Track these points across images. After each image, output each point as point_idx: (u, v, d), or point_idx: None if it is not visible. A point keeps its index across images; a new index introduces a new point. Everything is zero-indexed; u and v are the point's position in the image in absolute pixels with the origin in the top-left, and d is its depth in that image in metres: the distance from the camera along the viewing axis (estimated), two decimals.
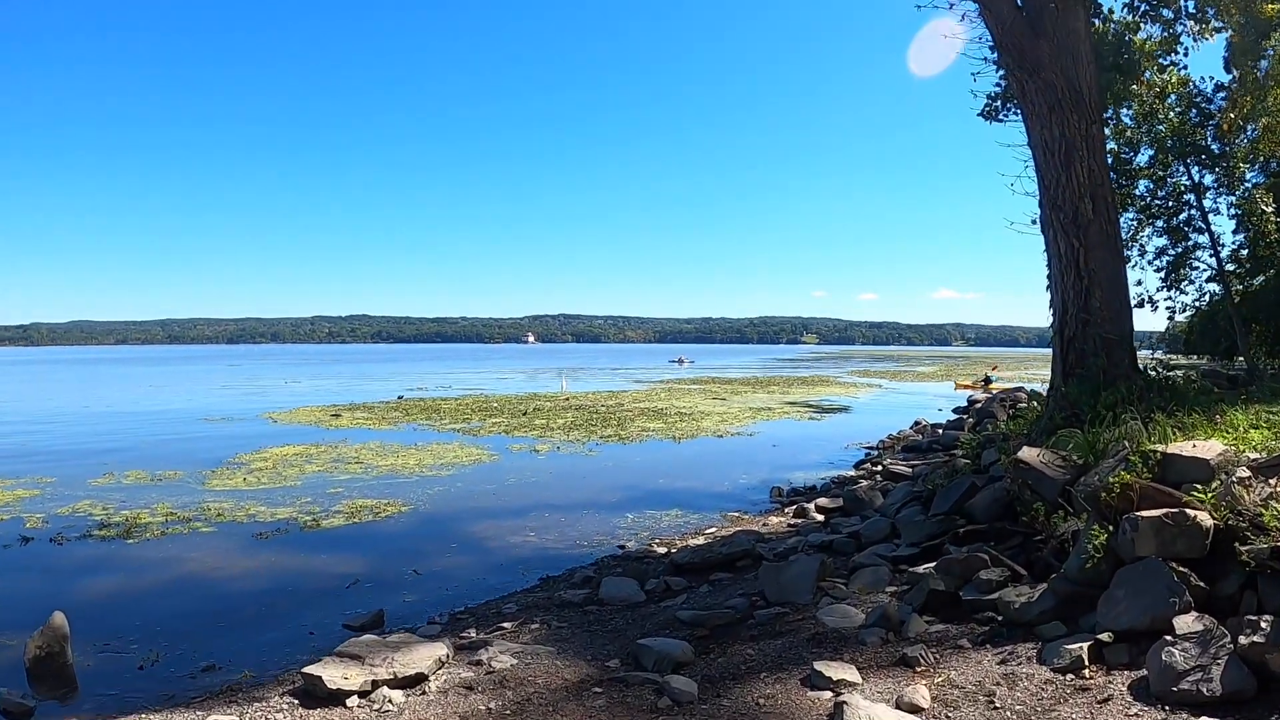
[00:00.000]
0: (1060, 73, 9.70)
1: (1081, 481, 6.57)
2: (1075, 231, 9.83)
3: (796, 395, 44.05)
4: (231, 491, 16.06)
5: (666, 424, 27.73)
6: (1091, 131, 9.83)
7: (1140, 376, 9.56)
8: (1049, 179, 10.05)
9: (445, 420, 29.24)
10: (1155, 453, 6.10)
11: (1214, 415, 7.79)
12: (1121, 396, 8.75)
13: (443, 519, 13.52)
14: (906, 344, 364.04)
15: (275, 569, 10.60)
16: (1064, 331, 9.97)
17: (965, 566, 6.37)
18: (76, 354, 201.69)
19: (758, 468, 18.35)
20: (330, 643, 6.99)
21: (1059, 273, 10.11)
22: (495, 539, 12.20)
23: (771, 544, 10.27)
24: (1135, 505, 5.47)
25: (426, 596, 9.49)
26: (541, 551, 11.48)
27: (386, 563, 10.87)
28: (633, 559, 10.58)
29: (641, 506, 14.13)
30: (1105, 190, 9.99)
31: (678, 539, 11.75)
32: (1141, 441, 6.67)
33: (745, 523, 12.67)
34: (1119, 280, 10.00)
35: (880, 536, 9.08)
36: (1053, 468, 7.02)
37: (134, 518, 13.53)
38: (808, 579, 7.43)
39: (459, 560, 11.12)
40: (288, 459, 20.12)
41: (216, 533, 12.61)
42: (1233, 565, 4.94)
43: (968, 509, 8.16)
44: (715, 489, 15.90)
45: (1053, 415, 9.34)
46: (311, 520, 13.32)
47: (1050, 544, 6.32)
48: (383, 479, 17.21)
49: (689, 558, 9.49)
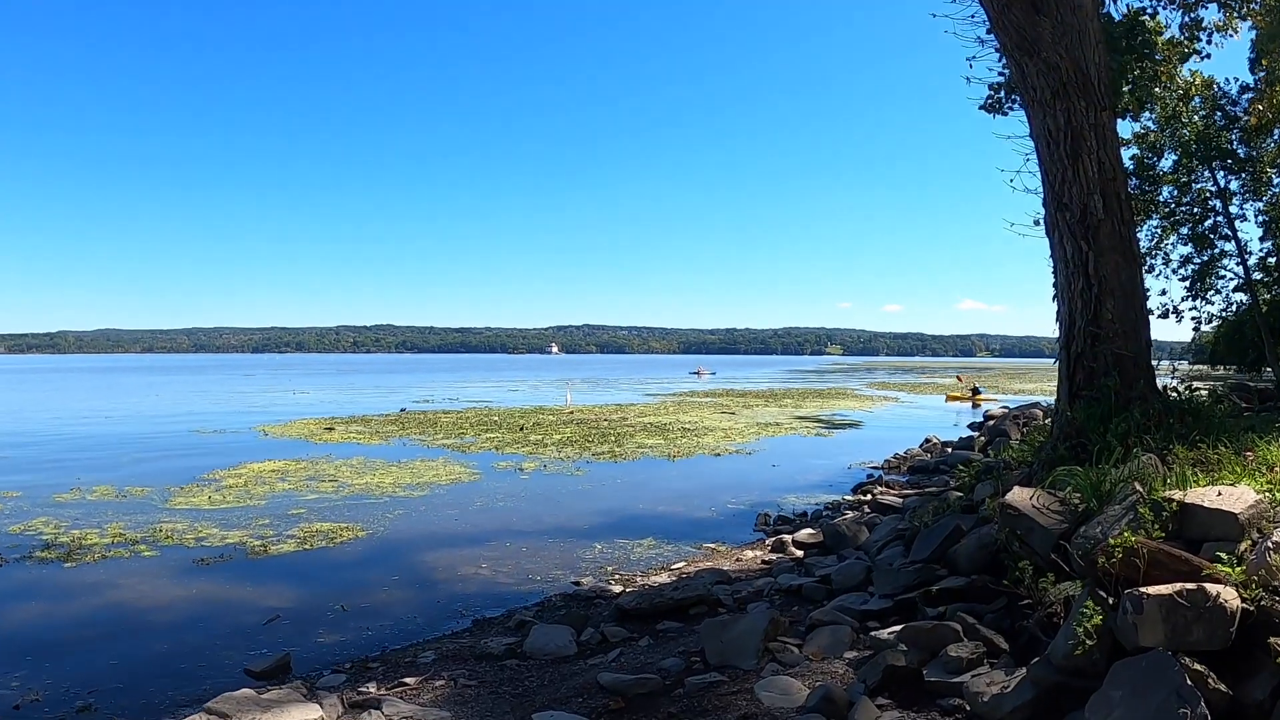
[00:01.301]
0: (1064, 53, 8.48)
1: (1080, 533, 5.37)
2: (1083, 233, 8.58)
3: (809, 409, 42.63)
4: (191, 511, 15.39)
5: (666, 440, 26.56)
6: (1101, 119, 8.59)
7: (1158, 398, 8.24)
8: (1053, 174, 8.81)
9: (439, 435, 28.28)
10: (1170, 502, 4.89)
11: (1244, 447, 6.55)
12: (1135, 423, 7.50)
13: (397, 547, 12.53)
14: (931, 355, 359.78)
15: (202, 600, 9.96)
16: (1071, 347, 8.69)
17: (932, 638, 5.19)
18: (98, 362, 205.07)
19: (750, 490, 17.13)
20: (224, 687, 6.57)
21: (1065, 280, 8.86)
22: (444, 570, 11.18)
23: (737, 586, 9.09)
24: (1142, 574, 4.27)
25: (347, 637, 8.67)
26: (489, 587, 10.42)
27: (320, 596, 10.08)
28: (581, 599, 9.47)
29: (613, 535, 12.99)
30: (1118, 186, 8.71)
31: (640, 575, 10.60)
32: (1154, 485, 5.44)
33: (720, 556, 11.47)
34: (1134, 288, 8.70)
35: (853, 583, 7.85)
36: (1047, 514, 5.79)
37: (81, 538, 13.00)
38: (753, 639, 6.28)
39: (397, 595, 10.18)
40: (262, 476, 19.28)
41: (158, 557, 11.98)
42: (1264, 662, 3.74)
43: (951, 556, 6.91)
44: (698, 515, 14.70)
45: (1056, 445, 8.07)
46: (260, 546, 12.55)
47: (1038, 612, 5.07)
48: (351, 500, 16.29)
49: (636, 602, 8.34)
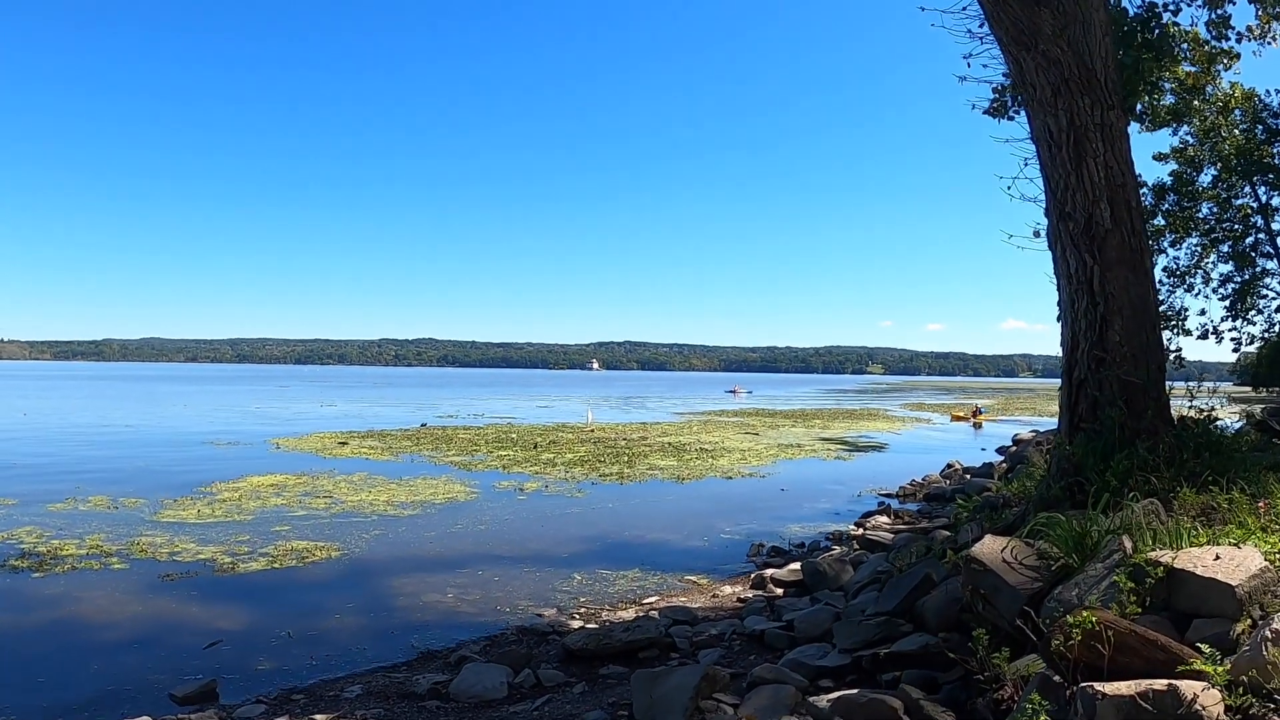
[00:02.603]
0: (1067, 45, 7.65)
1: (1054, 596, 4.56)
2: (1088, 245, 7.69)
3: (835, 430, 41.46)
4: (176, 524, 15.20)
5: (680, 462, 25.77)
6: (1108, 119, 7.71)
7: (1170, 431, 7.30)
8: (1055, 180, 7.95)
9: (451, 452, 27.86)
10: (1156, 566, 4.06)
11: (1262, 492, 5.65)
12: (1139, 461, 6.59)
13: (366, 569, 12.02)
14: (973, 375, 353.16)
15: (152, 619, 9.78)
16: (1073, 373, 7.77)
17: (868, 713, 4.40)
18: (139, 370, 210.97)
19: (752, 517, 16.28)
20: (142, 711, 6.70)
21: (1068, 298, 7.97)
22: (407, 597, 10.62)
23: (699, 627, 8.31)
24: (1108, 659, 3.45)
25: (283, 665, 8.27)
26: (447, 616, 9.82)
27: (271, 619, 9.70)
28: (536, 634, 8.79)
29: (593, 563, 12.28)
30: (1128, 193, 7.82)
31: (607, 609, 9.87)
32: (1143, 541, 4.59)
33: (698, 590, 10.68)
34: (1145, 307, 7.77)
35: (817, 632, 7.01)
36: (1019, 570, 4.94)
37: (58, 549, 12.94)
38: (683, 695, 5.52)
39: (350, 622, 9.69)
40: (259, 490, 19.01)
41: (127, 571, 11.85)
42: None
43: (919, 610, 6.06)
44: (690, 544, 13.91)
45: (1050, 484, 7.17)
46: (230, 563, 12.25)
47: (990, 693, 4.24)
48: (339, 517, 15.86)
49: (583, 643, 7.62)
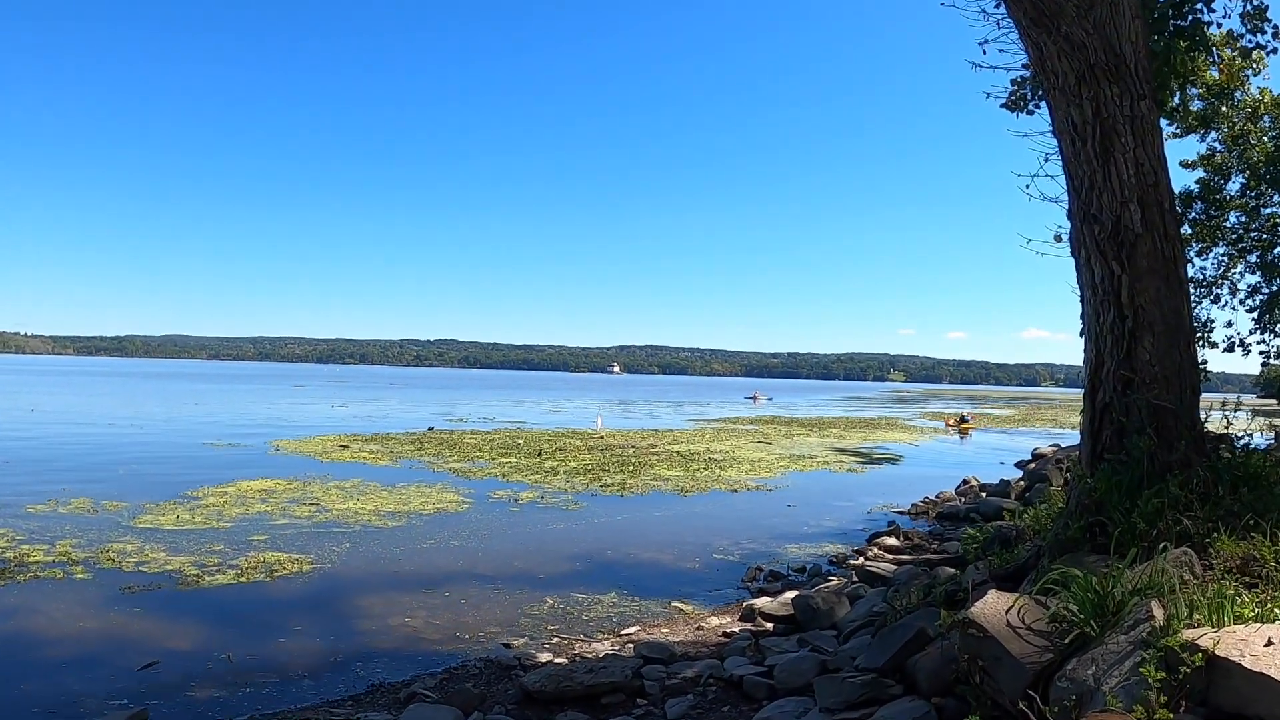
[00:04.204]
0: (1092, 28, 6.81)
1: (1066, 673, 3.74)
2: (1115, 251, 6.83)
3: (851, 440, 40.40)
4: (151, 531, 14.70)
5: (686, 472, 24.93)
6: (1139, 110, 6.85)
7: (1204, 463, 6.41)
8: (1079, 178, 7.10)
9: (452, 458, 27.19)
10: (1194, 653, 3.24)
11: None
12: (1171, 499, 5.74)
13: (336, 586, 11.38)
14: (995, 384, 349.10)
15: (104, 634, 9.34)
16: (1096, 395, 6.90)
17: None
18: (158, 367, 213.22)
19: (752, 536, 15.42)
20: None
21: (1093, 311, 7.10)
22: (370, 619, 9.94)
23: (674, 667, 7.50)
24: None
25: (223, 694, 7.68)
26: (408, 644, 9.11)
27: (223, 640, 9.10)
28: (499, 668, 8.05)
29: (577, 586, 11.50)
30: (1160, 193, 6.94)
31: (582, 640, 9.09)
32: (1177, 610, 3.75)
33: (681, 621, 9.87)
34: (1179, 322, 6.88)
35: (799, 683, 6.19)
36: (1026, 638, 4.11)
37: (25, 555, 12.50)
38: None
39: (305, 646, 9.05)
40: (245, 496, 18.46)
41: (89, 581, 11.37)
42: None
43: (910, 669, 5.23)
44: (683, 565, 13.08)
45: (1069, 522, 6.30)
46: (195, 576, 11.71)
47: None
48: (319, 527, 15.26)
49: (541, 684, 6.85)
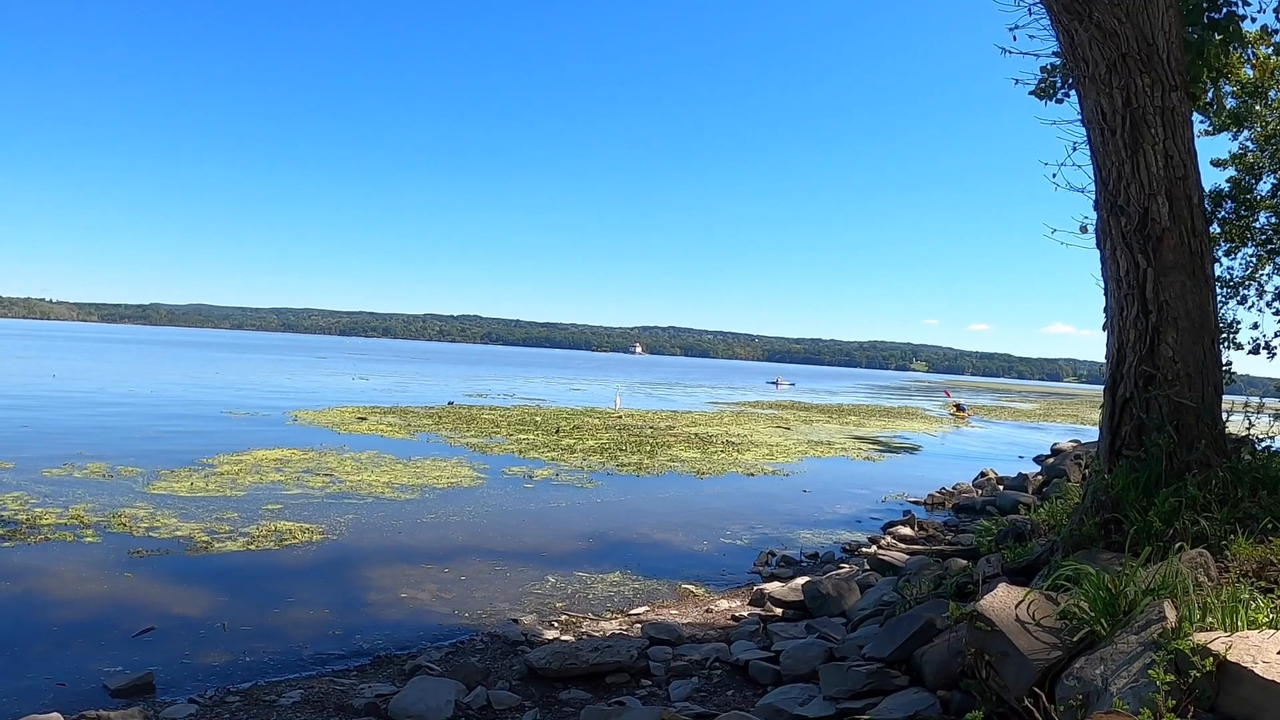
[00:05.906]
0: (1125, 17, 6.63)
1: (1073, 672, 3.69)
2: (1142, 244, 6.70)
3: (870, 429, 40.20)
4: (165, 497, 14.82)
5: (703, 454, 24.94)
6: (1170, 101, 6.67)
7: (1224, 464, 6.30)
8: (1107, 168, 6.94)
9: (469, 433, 27.36)
10: (1205, 657, 3.18)
11: None
12: (1188, 499, 5.65)
13: (343, 557, 11.48)
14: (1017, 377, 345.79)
15: (106, 599, 9.35)
16: (1117, 390, 6.80)
17: None
18: (181, 335, 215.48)
19: (766, 520, 15.41)
20: (76, 704, 6.35)
21: (1117, 304, 6.97)
22: (378, 590, 10.02)
23: (681, 649, 7.53)
24: None
25: (230, 660, 7.74)
26: (416, 616, 9.18)
27: (232, 607, 9.18)
28: (506, 643, 8.10)
29: (587, 564, 11.56)
30: (1189, 187, 6.78)
31: (590, 618, 9.13)
32: (1189, 612, 3.69)
33: (690, 603, 9.89)
34: (1204, 319, 6.74)
35: (804, 670, 6.19)
36: (1035, 634, 4.07)
37: (38, 517, 12.60)
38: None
39: (313, 615, 9.10)
40: (260, 464, 18.65)
41: (98, 544, 11.44)
42: None
43: (917, 661, 5.21)
44: (694, 547, 13.10)
45: (1084, 518, 6.23)
46: (205, 542, 11.81)
47: None
48: (333, 498, 15.41)
49: (546, 661, 6.90)
